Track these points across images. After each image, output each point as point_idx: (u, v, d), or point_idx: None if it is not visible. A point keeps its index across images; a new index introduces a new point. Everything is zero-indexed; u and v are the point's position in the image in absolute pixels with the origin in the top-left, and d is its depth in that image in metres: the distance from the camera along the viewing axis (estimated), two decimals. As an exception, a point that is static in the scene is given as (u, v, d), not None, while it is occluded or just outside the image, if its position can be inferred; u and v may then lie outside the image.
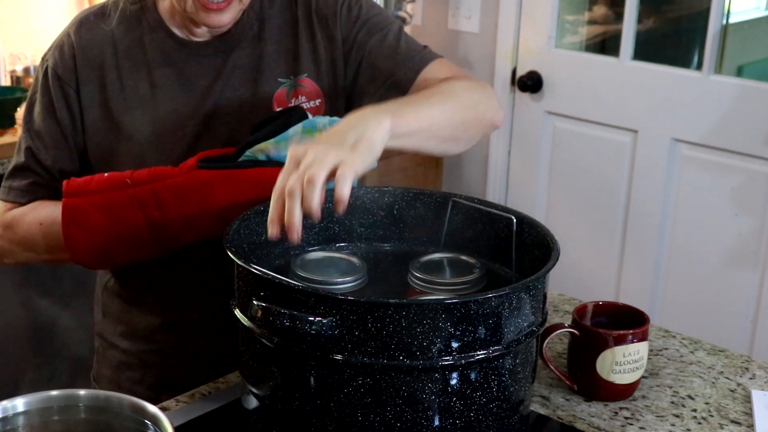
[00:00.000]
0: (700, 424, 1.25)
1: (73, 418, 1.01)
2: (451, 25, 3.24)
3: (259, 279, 1.06)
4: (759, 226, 2.69)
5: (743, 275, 2.75)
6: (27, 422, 1.00)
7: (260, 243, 1.23)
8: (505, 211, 1.24)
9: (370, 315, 1.00)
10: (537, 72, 3.07)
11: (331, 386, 1.03)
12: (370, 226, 1.31)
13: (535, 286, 1.08)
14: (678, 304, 2.90)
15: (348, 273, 1.21)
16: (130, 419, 0.99)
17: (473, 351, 1.03)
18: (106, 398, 1.01)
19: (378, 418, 1.03)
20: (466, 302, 1.02)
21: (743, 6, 3.11)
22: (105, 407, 1.01)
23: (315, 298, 1.01)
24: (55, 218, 1.31)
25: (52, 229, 1.33)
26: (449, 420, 1.05)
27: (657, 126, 2.84)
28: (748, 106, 2.66)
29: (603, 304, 1.34)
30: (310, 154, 1.06)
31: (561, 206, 3.12)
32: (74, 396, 1.01)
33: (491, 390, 1.06)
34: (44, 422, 1.00)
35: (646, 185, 2.90)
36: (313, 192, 1.03)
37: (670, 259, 2.90)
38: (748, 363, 1.41)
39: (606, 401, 1.29)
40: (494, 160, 3.22)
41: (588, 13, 3.21)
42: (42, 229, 1.36)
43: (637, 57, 2.90)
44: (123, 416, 1.00)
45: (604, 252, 3.03)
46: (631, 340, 1.26)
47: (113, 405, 1.00)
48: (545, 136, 3.11)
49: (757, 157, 2.67)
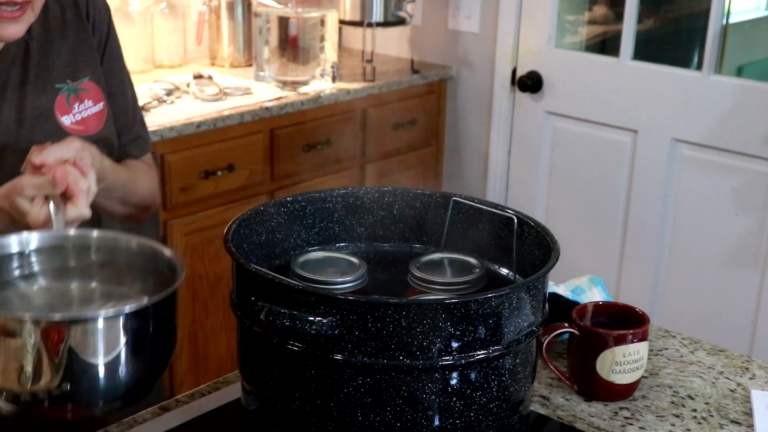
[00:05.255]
0: (700, 424, 1.25)
1: (87, 255, 1.12)
2: (451, 25, 3.24)
3: (259, 279, 1.06)
4: (759, 226, 2.69)
5: (743, 275, 2.75)
6: (41, 257, 1.10)
7: (260, 243, 1.23)
8: (505, 211, 1.24)
9: (370, 315, 1.00)
10: (537, 72, 3.07)
11: (331, 386, 1.03)
12: (370, 226, 1.31)
13: (535, 286, 1.08)
14: (678, 304, 2.90)
15: (348, 273, 1.21)
16: (139, 256, 1.11)
17: (473, 351, 1.03)
18: (115, 238, 1.13)
19: (378, 418, 1.03)
20: (466, 302, 1.02)
21: (743, 6, 3.11)
22: (114, 246, 1.12)
23: (315, 298, 1.01)
24: None
25: None
26: (449, 420, 1.05)
27: (657, 126, 2.84)
28: (748, 106, 2.66)
29: (603, 304, 1.34)
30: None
31: (561, 206, 3.12)
32: (87, 236, 1.13)
33: (491, 390, 1.06)
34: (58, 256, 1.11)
35: (646, 185, 2.90)
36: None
37: (670, 259, 2.90)
38: (748, 363, 1.41)
39: (606, 401, 1.29)
40: (494, 160, 3.22)
41: (588, 13, 3.21)
42: None
43: (637, 57, 2.90)
44: (132, 253, 1.12)
45: (604, 252, 3.03)
46: (631, 340, 1.26)
47: (122, 243, 1.12)
48: (545, 136, 3.11)
49: (757, 157, 2.67)
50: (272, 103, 2.71)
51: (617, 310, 1.33)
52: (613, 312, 1.33)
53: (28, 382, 0.96)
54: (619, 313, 1.32)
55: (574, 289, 1.47)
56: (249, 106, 2.66)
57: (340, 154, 2.93)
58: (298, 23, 2.88)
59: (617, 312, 1.32)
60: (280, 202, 1.26)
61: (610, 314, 1.32)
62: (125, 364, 0.99)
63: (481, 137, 3.25)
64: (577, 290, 1.47)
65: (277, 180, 2.78)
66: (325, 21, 2.93)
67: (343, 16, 3.06)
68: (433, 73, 3.20)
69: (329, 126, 2.88)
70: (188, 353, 2.66)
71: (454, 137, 3.32)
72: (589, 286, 1.49)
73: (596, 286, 1.49)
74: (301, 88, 2.85)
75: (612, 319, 1.32)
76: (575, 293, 1.46)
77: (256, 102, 2.70)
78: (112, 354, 0.98)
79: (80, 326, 0.96)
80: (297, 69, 2.89)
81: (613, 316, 1.32)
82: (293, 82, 2.87)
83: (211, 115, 2.56)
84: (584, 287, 1.48)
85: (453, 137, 3.32)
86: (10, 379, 0.97)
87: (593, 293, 1.47)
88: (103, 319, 0.97)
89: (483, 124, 3.24)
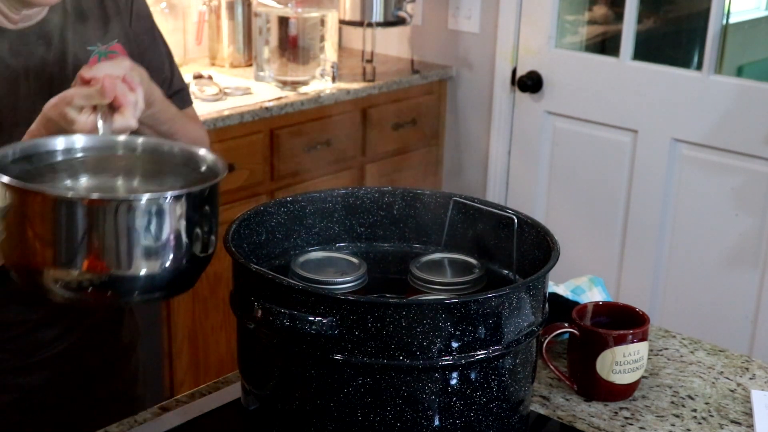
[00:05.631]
0: (700, 424, 1.25)
1: (131, 156, 1.15)
2: (451, 25, 3.24)
3: (259, 279, 1.06)
4: (759, 226, 2.69)
5: (743, 275, 2.75)
6: (87, 156, 1.13)
7: (260, 243, 1.23)
8: (505, 211, 1.24)
9: (370, 315, 1.00)
10: (537, 72, 3.07)
11: (331, 386, 1.03)
12: (370, 226, 1.31)
13: (535, 286, 1.08)
14: (678, 304, 2.90)
15: (348, 273, 1.21)
16: (181, 158, 1.15)
17: (473, 351, 1.03)
18: (158, 142, 1.19)
19: (378, 418, 1.03)
20: (466, 302, 1.02)
21: (743, 6, 3.11)
22: (158, 150, 1.16)
23: (315, 298, 1.01)
24: None
25: None
26: (449, 420, 1.05)
27: (657, 126, 2.84)
28: (748, 106, 2.66)
29: (603, 304, 1.34)
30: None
31: (561, 206, 3.12)
32: (132, 140, 1.16)
33: (491, 390, 1.06)
34: (104, 156, 1.14)
35: (646, 185, 2.90)
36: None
37: (670, 259, 2.90)
38: (748, 363, 1.41)
39: (606, 401, 1.29)
40: (494, 160, 3.22)
41: (588, 13, 3.21)
42: None
43: (637, 57, 2.90)
44: (175, 156, 1.15)
45: (604, 252, 3.03)
46: (631, 340, 1.26)
47: (165, 147, 1.17)
48: (545, 136, 3.11)
49: (757, 157, 2.67)
50: (272, 103, 2.71)
51: (617, 310, 1.33)
52: (613, 312, 1.33)
53: (71, 264, 0.98)
54: (619, 313, 1.32)
55: (574, 289, 1.47)
56: (249, 106, 2.66)
57: (340, 154, 2.93)
58: (298, 23, 2.88)
59: (617, 312, 1.32)
60: (280, 202, 1.26)
61: (610, 314, 1.32)
62: (168, 250, 1.01)
63: (481, 137, 3.25)
64: (577, 290, 1.47)
65: (277, 180, 2.78)
66: (325, 21, 2.93)
67: (343, 16, 3.06)
68: (433, 73, 3.20)
69: (329, 126, 2.88)
70: (188, 353, 2.66)
71: (454, 137, 3.32)
72: (589, 286, 1.49)
73: (596, 286, 1.49)
74: (301, 88, 2.85)
75: (612, 319, 1.32)
76: (575, 293, 1.46)
77: (256, 102, 2.70)
78: (155, 239, 0.99)
79: (125, 206, 0.98)
80: (297, 69, 2.89)
81: (613, 316, 1.32)
82: (293, 82, 2.87)
83: (211, 115, 2.56)
84: (584, 287, 1.48)
85: (453, 137, 3.32)
86: (53, 261, 0.99)
87: (593, 293, 1.48)
88: (147, 200, 0.99)
89: (483, 124, 3.24)
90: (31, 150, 1.11)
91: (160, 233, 1.00)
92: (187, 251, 1.03)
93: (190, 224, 1.02)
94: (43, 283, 1.01)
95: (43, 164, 1.11)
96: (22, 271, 1.04)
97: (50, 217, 0.98)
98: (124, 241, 0.98)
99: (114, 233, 0.97)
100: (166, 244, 1.01)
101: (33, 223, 0.99)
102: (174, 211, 1.00)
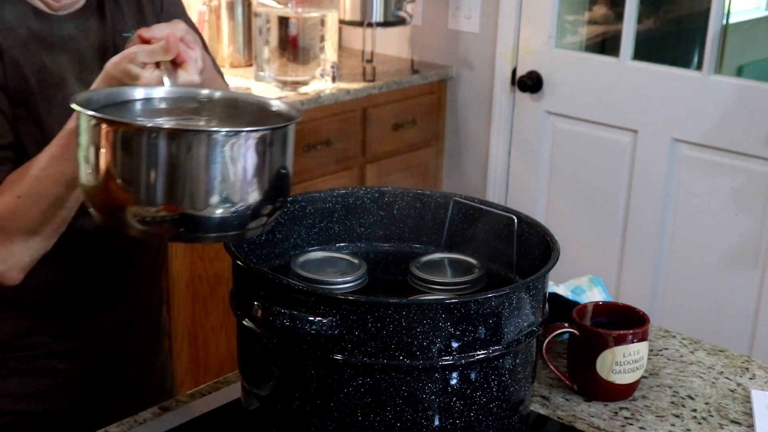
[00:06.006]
0: (700, 424, 1.25)
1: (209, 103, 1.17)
2: (451, 25, 3.24)
3: (259, 279, 1.06)
4: (759, 226, 2.69)
5: (743, 275, 2.75)
6: (166, 103, 1.16)
7: (260, 243, 1.23)
8: (505, 211, 1.24)
9: (370, 315, 1.00)
10: (537, 72, 3.07)
11: (331, 386, 1.03)
12: (370, 226, 1.31)
13: (535, 286, 1.08)
14: (678, 304, 2.90)
15: (348, 273, 1.21)
16: (255, 105, 1.17)
17: (473, 351, 1.03)
18: (234, 94, 1.22)
19: (378, 418, 1.03)
20: (466, 302, 1.02)
21: (743, 6, 3.11)
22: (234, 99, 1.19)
23: (315, 298, 1.01)
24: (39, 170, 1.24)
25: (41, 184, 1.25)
26: (449, 420, 1.05)
27: (657, 126, 2.84)
28: (748, 106, 2.66)
29: (603, 304, 1.34)
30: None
31: (561, 206, 3.12)
32: (209, 92, 1.19)
33: (491, 390, 1.06)
34: (182, 104, 1.16)
35: (646, 185, 2.90)
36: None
37: (670, 259, 2.90)
38: (748, 363, 1.41)
39: (606, 401, 1.29)
40: (494, 160, 3.22)
41: (588, 13, 3.21)
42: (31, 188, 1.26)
43: (637, 57, 2.90)
44: (249, 105, 1.18)
45: (604, 252, 3.03)
46: (631, 340, 1.26)
47: (240, 97, 1.20)
48: (545, 136, 3.11)
49: (757, 157, 2.67)
50: (272, 103, 2.70)
51: (617, 310, 1.33)
52: (613, 312, 1.33)
53: (149, 198, 0.99)
54: (619, 313, 1.32)
55: (574, 289, 1.47)
56: (249, 106, 2.66)
57: (340, 154, 2.93)
58: (298, 23, 2.88)
59: (617, 312, 1.32)
60: (280, 202, 1.26)
61: (610, 314, 1.32)
62: (242, 186, 1.02)
63: (481, 137, 3.25)
64: (577, 290, 1.47)
65: (277, 180, 2.77)
66: (325, 21, 2.93)
67: (343, 16, 3.06)
68: (433, 73, 3.20)
69: (329, 126, 2.88)
70: (188, 353, 2.66)
71: (454, 137, 3.32)
72: (589, 286, 1.49)
73: (596, 286, 1.49)
74: (301, 88, 2.85)
75: (612, 319, 1.32)
76: (575, 293, 1.46)
77: (256, 102, 2.69)
78: (230, 173, 1.00)
79: (206, 137, 0.99)
80: (297, 69, 2.89)
81: (613, 316, 1.32)
82: (293, 82, 2.87)
83: (211, 115, 2.56)
84: (584, 287, 1.48)
85: (453, 137, 3.32)
86: (130, 192, 1.00)
87: (593, 293, 1.48)
88: (225, 135, 0.99)
89: (483, 124, 3.24)
90: (113, 98, 1.13)
91: (236, 168, 1.01)
92: (263, 190, 1.04)
93: (266, 163, 1.03)
94: (120, 215, 1.02)
95: (124, 111, 1.13)
96: (100, 202, 1.05)
97: (131, 148, 1.00)
98: (202, 175, 0.99)
99: (193, 166, 0.99)
100: (243, 180, 1.01)
101: (113, 153, 1.01)
102: (251, 148, 1.01)
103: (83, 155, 1.04)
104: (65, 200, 1.25)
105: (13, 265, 1.27)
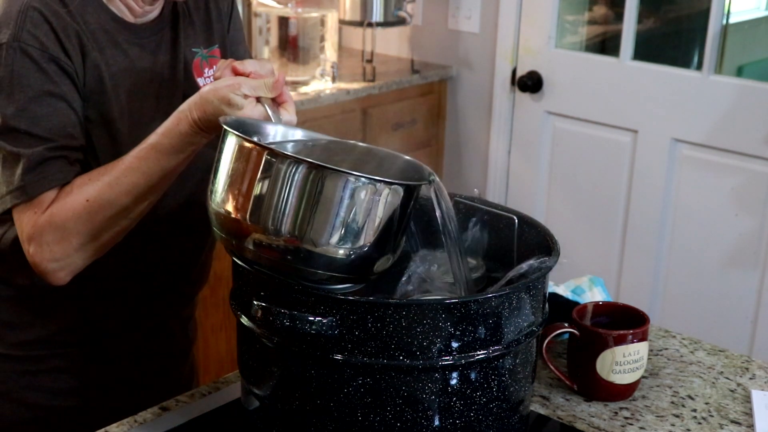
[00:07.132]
0: (700, 424, 1.25)
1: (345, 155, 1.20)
2: (451, 25, 3.24)
3: (259, 279, 1.06)
4: (759, 226, 2.69)
5: (743, 275, 2.75)
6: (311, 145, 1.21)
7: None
8: (506, 211, 1.24)
9: (370, 315, 1.00)
10: (537, 72, 3.07)
11: (331, 386, 1.03)
12: (370, 226, 1.31)
13: (535, 286, 1.08)
14: (678, 304, 2.90)
15: (348, 273, 1.21)
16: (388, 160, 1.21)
17: (473, 351, 1.03)
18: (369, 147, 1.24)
19: (378, 418, 1.03)
20: (466, 302, 1.02)
21: (743, 6, 3.11)
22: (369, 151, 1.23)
23: (315, 298, 1.01)
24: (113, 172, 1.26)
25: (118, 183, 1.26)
26: (449, 420, 1.05)
27: (657, 126, 2.84)
28: (748, 106, 2.66)
29: (603, 304, 1.34)
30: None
31: (561, 206, 3.12)
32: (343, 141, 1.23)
33: (491, 390, 1.06)
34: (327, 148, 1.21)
35: (646, 185, 2.90)
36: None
37: (670, 259, 2.89)
38: (748, 363, 1.41)
39: (606, 401, 1.29)
40: (494, 160, 3.22)
41: (588, 13, 3.21)
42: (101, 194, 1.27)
43: (637, 57, 2.90)
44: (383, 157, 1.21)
45: (604, 252, 3.03)
46: (631, 340, 1.26)
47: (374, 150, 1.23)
48: (545, 136, 3.11)
49: (757, 157, 2.67)
50: (272, 103, 2.70)
51: (617, 310, 1.33)
52: (613, 312, 1.33)
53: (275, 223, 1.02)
54: (619, 313, 1.32)
55: (574, 289, 1.47)
56: (249, 106, 2.66)
57: (340, 154, 2.93)
58: (298, 23, 2.88)
59: (617, 312, 1.32)
60: (280, 202, 1.25)
61: (610, 314, 1.32)
62: (362, 233, 1.04)
63: (481, 137, 3.25)
64: (577, 290, 1.47)
65: (277, 180, 2.77)
66: (325, 21, 2.93)
67: (343, 16, 3.06)
68: (433, 73, 3.20)
69: (329, 126, 2.87)
70: (188, 353, 2.66)
71: (454, 137, 3.32)
72: (589, 286, 1.49)
73: (596, 286, 1.49)
74: (301, 88, 2.85)
75: (612, 319, 1.32)
76: (575, 293, 1.46)
77: (256, 102, 2.70)
78: (352, 219, 1.03)
79: (334, 179, 1.01)
80: (297, 69, 2.89)
81: (613, 316, 1.32)
82: (293, 82, 2.87)
83: (211, 115, 2.56)
84: (584, 287, 1.48)
85: (453, 137, 3.32)
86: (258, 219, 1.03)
87: (593, 293, 1.48)
88: (366, 180, 1.02)
89: (483, 124, 3.24)
90: (254, 128, 1.16)
91: (366, 215, 1.03)
92: (378, 243, 1.06)
93: (392, 216, 1.06)
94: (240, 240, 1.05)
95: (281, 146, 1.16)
96: (226, 223, 1.07)
97: (269, 175, 1.02)
98: (330, 214, 1.02)
99: (326, 205, 1.01)
100: (365, 227, 1.04)
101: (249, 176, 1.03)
102: (384, 198, 1.04)
103: (225, 175, 1.06)
104: (130, 211, 1.26)
105: (65, 266, 1.28)
